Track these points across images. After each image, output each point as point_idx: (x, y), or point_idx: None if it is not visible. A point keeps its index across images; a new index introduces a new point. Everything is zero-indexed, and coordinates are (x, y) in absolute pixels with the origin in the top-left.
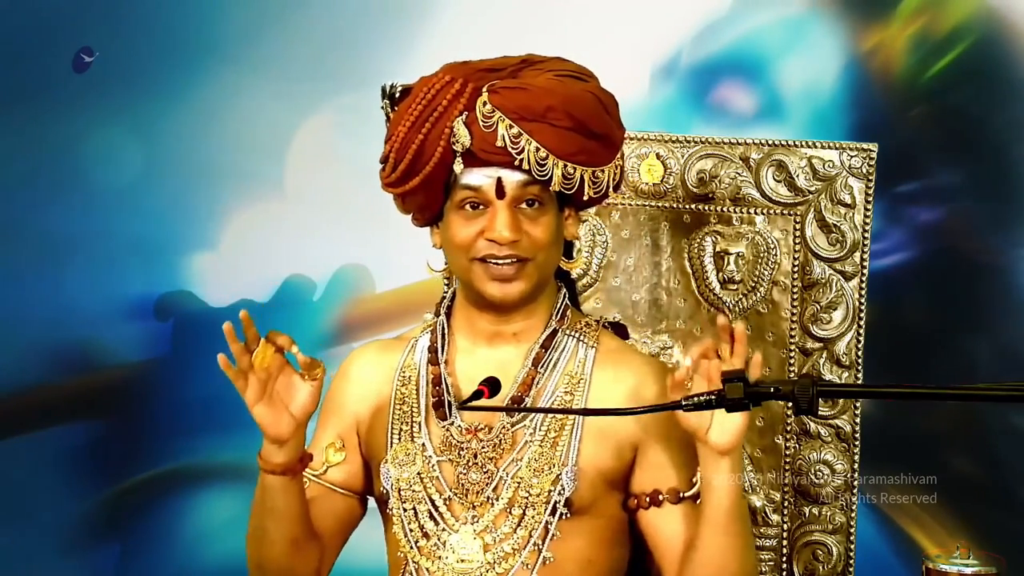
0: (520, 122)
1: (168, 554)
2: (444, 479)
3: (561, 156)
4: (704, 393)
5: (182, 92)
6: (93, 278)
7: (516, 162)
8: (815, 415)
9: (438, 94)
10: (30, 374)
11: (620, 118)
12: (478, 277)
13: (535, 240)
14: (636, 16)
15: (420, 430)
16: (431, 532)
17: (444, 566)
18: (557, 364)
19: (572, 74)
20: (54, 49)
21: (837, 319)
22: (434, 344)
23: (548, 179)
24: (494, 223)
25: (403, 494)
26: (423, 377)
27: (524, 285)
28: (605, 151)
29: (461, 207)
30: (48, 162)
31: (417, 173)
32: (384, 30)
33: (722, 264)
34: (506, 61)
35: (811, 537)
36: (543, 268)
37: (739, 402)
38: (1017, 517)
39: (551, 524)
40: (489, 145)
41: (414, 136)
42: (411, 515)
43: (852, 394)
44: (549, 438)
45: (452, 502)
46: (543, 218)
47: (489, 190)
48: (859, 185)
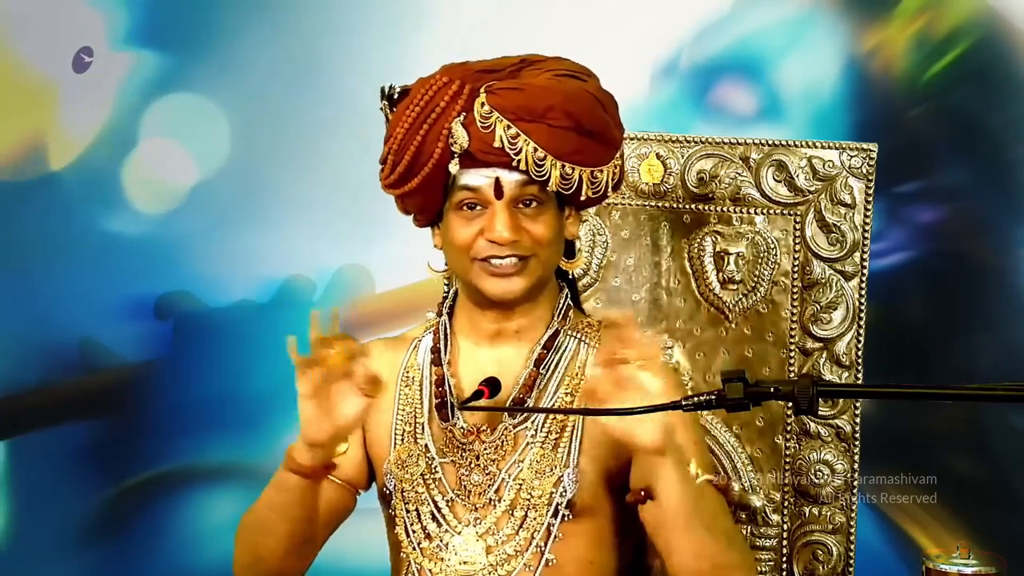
0: (518, 122)
1: (168, 554)
2: (446, 480)
3: (559, 156)
4: (704, 393)
5: (179, 91)
6: (93, 278)
7: (514, 163)
8: (815, 415)
9: (436, 95)
10: (30, 374)
11: (619, 117)
12: (479, 276)
13: (535, 238)
14: (636, 16)
15: (423, 431)
16: (434, 534)
17: (447, 568)
18: (559, 365)
19: (571, 73)
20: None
21: (837, 319)
22: (437, 344)
23: (546, 179)
24: (493, 224)
25: (406, 495)
26: (426, 378)
27: (525, 282)
28: (603, 151)
29: (460, 208)
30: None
31: (416, 174)
32: (385, 29)
33: (722, 264)
34: (504, 62)
35: (811, 537)
36: (544, 265)
37: (739, 402)
38: (1017, 517)
39: (553, 526)
40: (487, 146)
41: (412, 137)
42: (414, 516)
43: (852, 394)
44: (551, 440)
45: (455, 503)
46: (542, 217)
47: (488, 190)
48: (859, 185)
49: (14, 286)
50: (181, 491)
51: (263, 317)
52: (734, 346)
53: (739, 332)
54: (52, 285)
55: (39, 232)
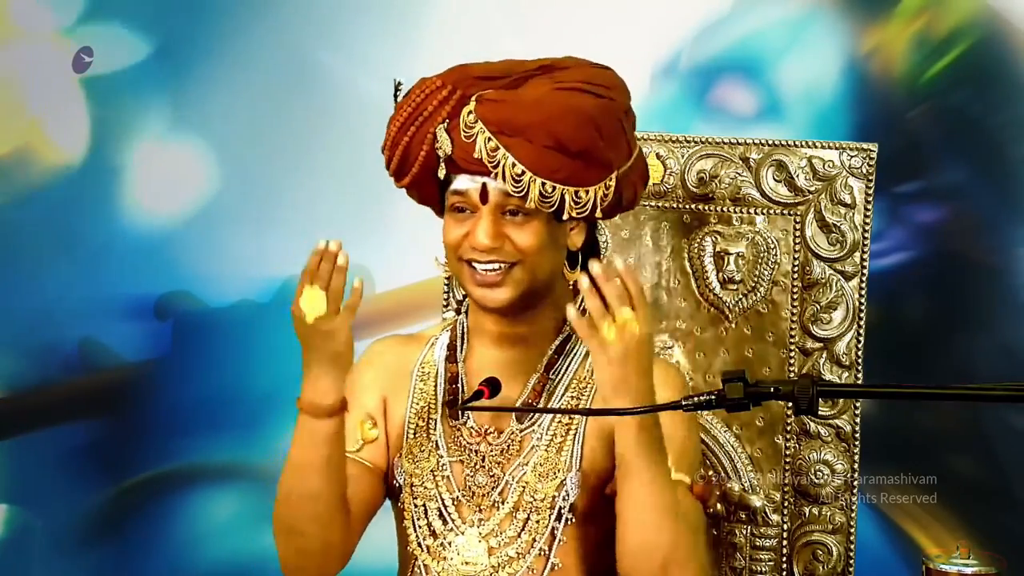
0: (499, 135)
1: (168, 553)
2: (454, 479)
3: (538, 173)
4: (704, 393)
5: (174, 91)
6: (93, 278)
7: (492, 175)
8: (815, 415)
9: (426, 99)
10: (30, 374)
11: (625, 136)
12: (468, 281)
13: (519, 247)
14: (636, 16)
15: (435, 427)
16: (439, 531)
17: (449, 567)
18: (567, 370)
19: (584, 87)
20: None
21: (837, 319)
22: (453, 342)
23: (524, 195)
24: (476, 229)
25: (415, 490)
26: (441, 374)
27: (510, 292)
28: (589, 172)
29: (452, 209)
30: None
31: (406, 173)
32: (382, 25)
33: (722, 264)
34: (519, 67)
35: (811, 537)
36: (532, 274)
37: (739, 402)
38: (1017, 517)
39: (557, 529)
40: (468, 155)
41: (401, 138)
42: (421, 512)
43: (852, 394)
44: (555, 443)
45: (460, 503)
46: (529, 225)
47: (475, 195)
48: (859, 185)
49: (15, 285)
50: (181, 491)
51: (263, 317)
52: (734, 346)
53: (739, 332)
54: (52, 285)
55: (39, 232)
